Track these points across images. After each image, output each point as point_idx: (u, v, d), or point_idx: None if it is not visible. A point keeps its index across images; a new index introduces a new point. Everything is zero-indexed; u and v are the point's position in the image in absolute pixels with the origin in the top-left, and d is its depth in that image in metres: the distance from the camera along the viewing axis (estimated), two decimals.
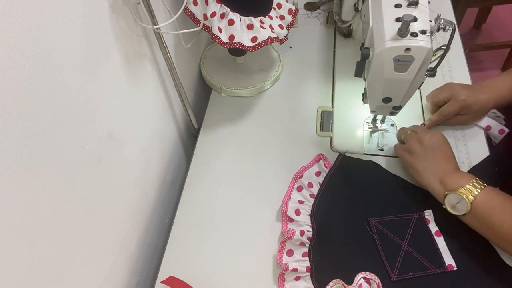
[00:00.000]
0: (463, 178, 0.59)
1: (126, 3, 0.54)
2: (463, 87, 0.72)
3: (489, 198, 0.57)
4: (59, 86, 0.42)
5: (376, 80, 0.61)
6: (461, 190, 0.58)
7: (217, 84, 0.84)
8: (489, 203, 0.56)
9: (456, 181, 0.59)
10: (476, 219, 0.58)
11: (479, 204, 0.57)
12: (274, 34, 0.70)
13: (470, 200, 0.57)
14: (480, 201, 0.57)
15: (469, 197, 0.57)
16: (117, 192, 0.58)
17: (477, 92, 0.71)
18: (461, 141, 0.74)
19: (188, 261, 0.64)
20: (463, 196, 0.57)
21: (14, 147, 0.36)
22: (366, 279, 0.58)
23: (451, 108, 0.71)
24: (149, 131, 0.68)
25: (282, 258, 0.61)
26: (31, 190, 0.40)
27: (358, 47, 0.70)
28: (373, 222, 0.64)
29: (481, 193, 0.57)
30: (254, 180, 0.72)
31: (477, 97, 0.70)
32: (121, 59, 0.55)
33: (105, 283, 0.56)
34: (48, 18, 0.39)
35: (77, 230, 0.49)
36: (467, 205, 0.57)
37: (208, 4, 0.65)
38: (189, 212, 0.69)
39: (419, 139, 0.66)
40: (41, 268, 0.43)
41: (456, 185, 0.59)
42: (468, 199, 0.57)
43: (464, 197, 0.57)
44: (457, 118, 0.73)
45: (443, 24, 0.54)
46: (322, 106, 0.82)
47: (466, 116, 0.72)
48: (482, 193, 0.57)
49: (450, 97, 0.71)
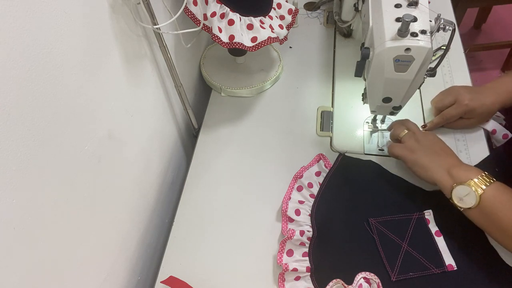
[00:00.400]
0: (472, 171, 0.59)
1: (126, 3, 0.54)
2: (468, 90, 0.71)
3: (498, 193, 0.56)
4: (59, 86, 0.42)
5: (376, 80, 0.61)
6: (470, 183, 0.57)
7: (217, 84, 0.84)
8: (498, 198, 0.56)
9: (464, 173, 0.59)
10: (483, 214, 0.57)
11: (488, 198, 0.56)
12: (274, 34, 0.70)
13: (479, 193, 0.56)
14: (489, 195, 0.56)
15: (478, 191, 0.56)
16: (117, 192, 0.58)
17: (481, 96, 0.70)
18: (461, 141, 0.74)
19: (188, 261, 0.64)
20: (472, 188, 0.57)
21: (14, 147, 0.36)
22: (366, 279, 0.58)
23: (454, 112, 0.71)
24: (149, 131, 0.68)
25: (282, 258, 0.61)
26: (31, 190, 0.40)
27: (358, 47, 0.70)
28: (373, 222, 0.64)
29: (490, 187, 0.56)
30: (254, 180, 0.72)
31: (481, 101, 0.69)
32: (121, 59, 0.55)
33: (105, 283, 0.56)
34: (48, 18, 0.39)
35: (77, 230, 0.49)
36: (476, 198, 0.56)
37: (208, 4, 0.65)
38: (189, 212, 0.69)
39: (416, 138, 0.66)
40: (41, 268, 0.43)
41: (465, 177, 0.58)
42: (477, 192, 0.56)
43: (473, 189, 0.57)
44: (462, 122, 0.73)
45: (443, 24, 0.54)
46: (322, 106, 0.82)
47: (471, 120, 0.72)
48: (491, 187, 0.56)
49: (454, 101, 0.71)
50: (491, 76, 1.92)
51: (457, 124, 0.73)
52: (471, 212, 0.58)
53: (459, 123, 0.73)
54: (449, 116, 0.72)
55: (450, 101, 0.72)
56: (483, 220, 0.58)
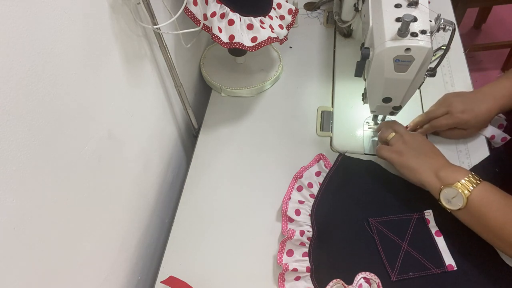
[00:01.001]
0: (459, 172, 0.59)
1: (126, 3, 0.54)
2: (461, 100, 0.69)
3: (485, 194, 0.56)
4: (59, 86, 0.42)
5: (376, 80, 0.61)
6: (457, 185, 0.57)
7: (217, 84, 0.84)
8: (485, 199, 0.56)
9: (452, 174, 0.59)
10: (471, 215, 0.57)
11: (475, 199, 0.56)
12: (274, 34, 0.70)
13: (466, 195, 0.56)
14: (476, 196, 0.56)
15: (465, 192, 0.56)
16: (117, 192, 0.58)
17: (475, 105, 0.68)
18: (461, 141, 0.74)
19: (188, 261, 0.64)
20: (459, 190, 0.57)
21: (14, 147, 0.36)
22: (366, 279, 0.58)
23: (444, 122, 0.70)
24: (149, 131, 0.68)
25: (282, 258, 0.61)
26: (31, 190, 0.40)
27: (358, 47, 0.70)
28: (373, 222, 0.64)
29: (477, 188, 0.56)
30: (254, 180, 0.72)
31: (475, 112, 0.68)
32: (121, 59, 0.55)
33: (105, 283, 0.56)
34: (48, 18, 0.39)
35: (77, 230, 0.49)
36: (463, 200, 0.57)
37: (208, 4, 0.65)
38: (189, 212, 0.69)
39: (404, 140, 0.66)
40: (41, 268, 0.43)
41: (452, 179, 0.58)
42: (464, 194, 0.56)
43: (460, 191, 0.57)
44: (459, 133, 0.72)
45: (443, 24, 0.54)
46: (322, 106, 0.82)
47: (468, 130, 0.70)
48: (478, 188, 0.56)
49: (446, 112, 0.70)
50: (491, 76, 1.92)
51: (454, 134, 0.73)
52: (459, 213, 0.59)
53: (455, 134, 0.72)
54: (439, 125, 0.71)
55: (442, 112, 0.70)
56: (472, 220, 0.58)
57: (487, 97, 0.69)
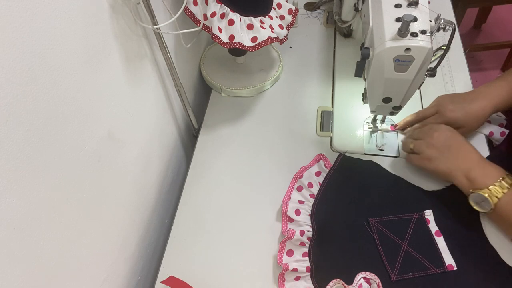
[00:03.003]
0: (490, 175, 0.59)
1: (126, 3, 0.54)
2: (451, 100, 0.69)
3: None
4: (59, 86, 0.42)
5: (376, 80, 0.61)
6: (485, 191, 0.58)
7: (217, 84, 0.84)
8: None
9: (482, 178, 0.59)
10: (499, 218, 0.59)
11: (503, 206, 0.57)
12: (274, 34, 0.70)
13: (494, 201, 0.57)
14: (504, 203, 0.57)
15: (493, 199, 0.57)
16: (117, 192, 0.58)
17: (466, 103, 0.68)
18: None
19: (188, 261, 0.64)
20: (486, 195, 0.57)
21: (14, 147, 0.36)
22: (366, 279, 0.58)
23: (433, 121, 0.70)
24: (149, 131, 0.68)
25: (282, 258, 0.61)
26: (31, 190, 0.40)
27: (358, 47, 0.70)
28: (373, 222, 0.64)
29: (507, 194, 0.57)
30: (254, 180, 0.72)
31: (464, 109, 0.67)
32: (121, 59, 0.55)
33: (105, 283, 0.56)
34: (48, 18, 0.39)
35: (77, 230, 0.49)
36: (491, 205, 0.58)
37: (208, 4, 0.65)
38: (189, 212, 0.69)
39: (429, 144, 0.65)
40: (41, 268, 0.43)
41: (482, 184, 0.59)
42: (492, 200, 0.57)
43: (488, 197, 0.57)
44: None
45: (443, 24, 0.54)
46: (322, 106, 0.82)
47: (462, 129, 0.69)
48: (508, 193, 0.57)
49: (436, 112, 0.70)
50: (491, 76, 1.91)
51: None
52: (490, 216, 0.60)
53: None
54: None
55: (431, 112, 0.71)
56: (500, 223, 0.60)
57: (480, 96, 0.69)
